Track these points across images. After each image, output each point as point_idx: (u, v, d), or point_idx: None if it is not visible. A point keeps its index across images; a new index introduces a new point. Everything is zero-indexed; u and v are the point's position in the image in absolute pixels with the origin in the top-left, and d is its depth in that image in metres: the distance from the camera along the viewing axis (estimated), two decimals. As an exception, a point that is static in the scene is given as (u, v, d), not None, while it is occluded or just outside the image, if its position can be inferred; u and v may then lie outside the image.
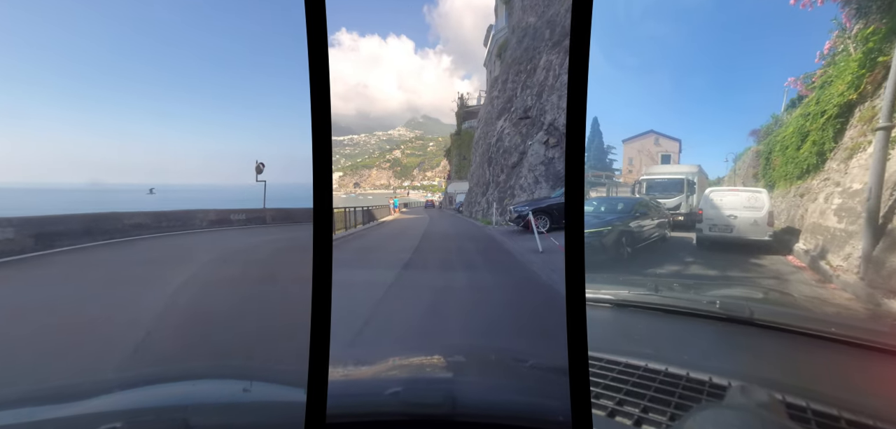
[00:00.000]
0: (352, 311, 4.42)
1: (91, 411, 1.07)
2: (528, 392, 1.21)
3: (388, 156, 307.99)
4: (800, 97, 12.72)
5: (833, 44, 10.45)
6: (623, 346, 1.21)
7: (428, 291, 5.74)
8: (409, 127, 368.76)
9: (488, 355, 1.82)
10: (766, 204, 8.99)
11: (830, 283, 6.02)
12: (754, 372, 1.12)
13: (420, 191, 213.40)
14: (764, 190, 9.60)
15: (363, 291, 5.44)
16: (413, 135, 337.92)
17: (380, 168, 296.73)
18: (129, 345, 3.52)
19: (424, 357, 1.65)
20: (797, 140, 10.95)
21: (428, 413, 0.94)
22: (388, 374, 1.40)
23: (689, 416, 0.73)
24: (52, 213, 10.39)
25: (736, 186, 12.03)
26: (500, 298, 5.49)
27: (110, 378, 2.07)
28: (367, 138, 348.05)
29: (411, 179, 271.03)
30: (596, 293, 1.64)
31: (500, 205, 19.44)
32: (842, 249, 6.42)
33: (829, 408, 0.83)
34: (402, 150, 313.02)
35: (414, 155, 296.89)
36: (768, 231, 8.71)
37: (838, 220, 6.99)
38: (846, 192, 7.26)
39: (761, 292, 2.14)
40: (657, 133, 30.91)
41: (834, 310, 2.16)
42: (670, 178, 14.05)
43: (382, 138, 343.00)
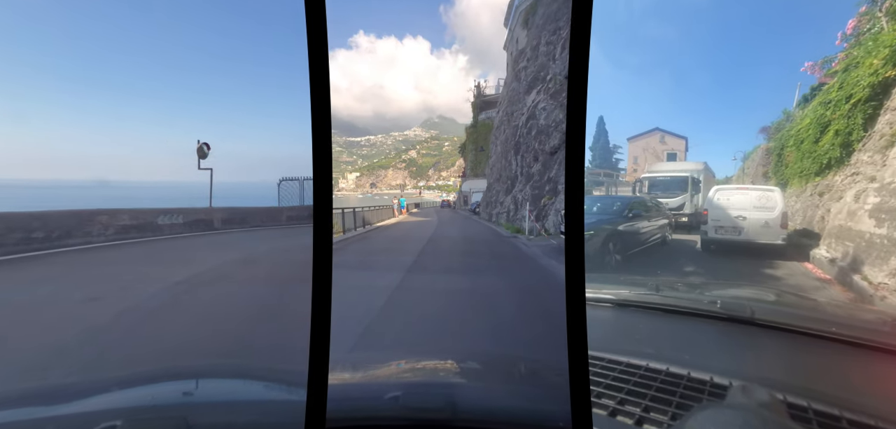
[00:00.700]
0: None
1: (90, 409, 1.07)
2: (528, 397, 1.19)
3: (403, 156, 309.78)
4: (813, 91, 11.72)
5: (858, 23, 9.39)
6: (624, 346, 1.21)
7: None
8: (425, 127, 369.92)
9: (488, 359, 1.82)
10: (779, 204, 8.13)
11: (870, 304, 4.94)
12: (755, 372, 1.12)
13: (435, 191, 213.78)
14: (776, 189, 8.81)
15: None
16: (428, 135, 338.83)
17: (396, 168, 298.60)
18: None
19: (425, 362, 1.65)
20: (815, 132, 9.91)
21: (427, 418, 0.93)
22: (388, 378, 1.38)
23: (690, 416, 0.74)
24: None
25: (745, 185, 11.18)
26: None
27: (109, 377, 2.04)
28: (384, 139, 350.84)
29: (426, 179, 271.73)
30: (597, 293, 1.63)
31: (535, 205, 15.17)
32: (886, 263, 5.37)
33: (831, 408, 0.82)
34: (417, 150, 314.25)
35: (429, 155, 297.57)
36: (781, 234, 7.83)
37: (877, 223, 6.02)
38: (886, 188, 6.29)
39: (762, 292, 2.14)
40: (663, 131, 29.77)
41: (835, 309, 2.16)
42: (673, 176, 13.04)
43: (398, 139, 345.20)
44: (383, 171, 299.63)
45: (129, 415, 0.98)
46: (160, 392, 1.25)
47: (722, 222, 8.36)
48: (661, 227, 9.34)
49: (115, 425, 0.87)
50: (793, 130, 12.11)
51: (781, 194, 8.50)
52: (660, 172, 13.73)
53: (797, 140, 11.35)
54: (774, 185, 11.07)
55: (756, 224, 8.01)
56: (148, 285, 5.60)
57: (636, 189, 14.00)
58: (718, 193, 8.83)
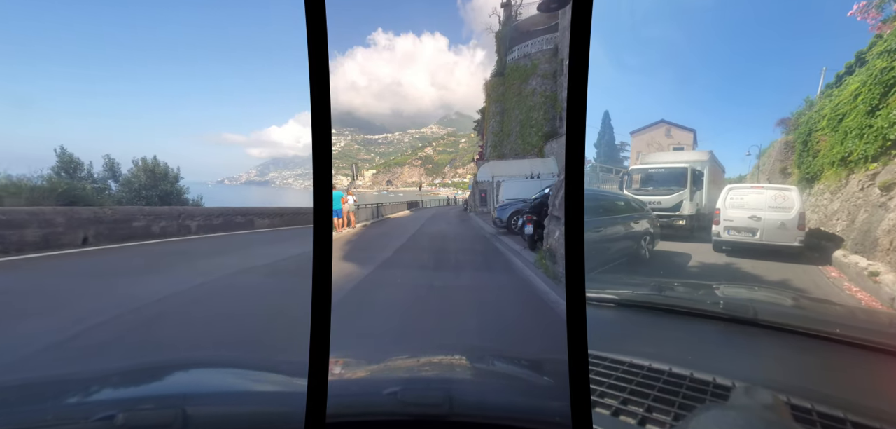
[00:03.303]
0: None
1: (88, 400, 1.07)
2: (527, 393, 1.20)
3: (419, 153, 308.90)
4: (859, 58, 9.16)
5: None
6: (627, 345, 1.18)
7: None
8: (442, 124, 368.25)
9: (487, 355, 1.81)
10: (797, 204, 7.55)
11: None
12: (758, 373, 1.11)
13: (450, 188, 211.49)
14: (794, 188, 8.17)
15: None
16: (445, 132, 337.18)
17: (412, 165, 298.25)
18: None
19: (423, 357, 1.60)
20: (872, 97, 6.95)
21: (426, 413, 0.94)
22: (387, 373, 1.37)
23: (693, 416, 0.73)
24: None
25: (760, 184, 9.92)
26: None
27: (109, 368, 2.08)
28: (401, 136, 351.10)
29: (442, 176, 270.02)
30: (600, 293, 1.60)
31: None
32: None
33: (834, 410, 0.80)
34: (433, 147, 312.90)
35: (445, 152, 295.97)
36: (799, 235, 7.37)
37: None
38: None
39: (766, 293, 2.12)
40: (669, 123, 26.64)
41: (839, 311, 2.09)
42: (669, 168, 10.23)
43: (415, 136, 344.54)
44: (399, 168, 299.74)
45: (127, 404, 1.00)
46: (159, 383, 1.24)
47: (735, 223, 7.90)
48: (635, 237, 6.71)
49: (113, 415, 0.86)
50: (825, 109, 9.56)
51: (799, 194, 7.92)
52: (653, 164, 10.92)
53: (833, 118, 8.52)
54: (798, 179, 10.43)
55: (771, 225, 7.56)
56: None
57: (623, 185, 11.16)
58: (732, 192, 8.39)
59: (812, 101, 12.32)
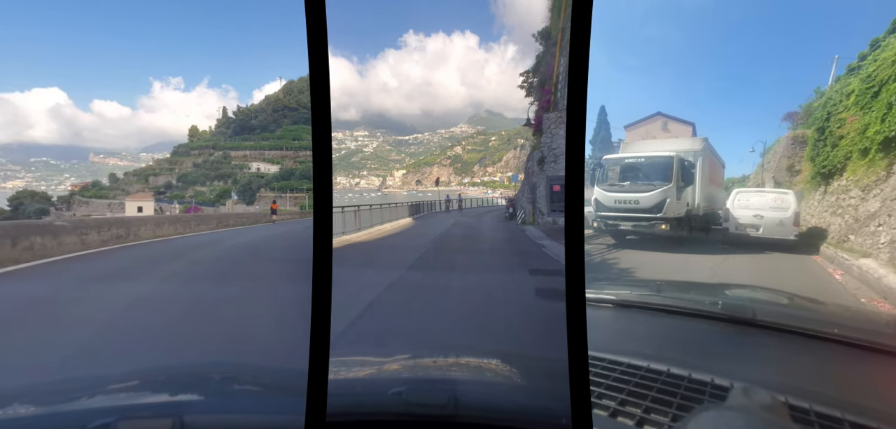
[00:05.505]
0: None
1: (85, 407, 1.05)
2: (531, 394, 1.20)
3: (448, 152, 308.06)
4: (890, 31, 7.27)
5: None
6: (625, 346, 1.19)
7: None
8: (471, 123, 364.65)
9: (492, 355, 1.80)
10: (793, 205, 8.45)
11: None
12: (757, 373, 1.10)
13: (480, 187, 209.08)
14: (790, 192, 9.20)
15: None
16: (474, 130, 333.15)
17: (441, 165, 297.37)
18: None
19: (427, 358, 1.59)
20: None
21: (430, 414, 0.93)
22: (391, 373, 1.37)
23: (691, 417, 0.74)
24: None
25: (763, 188, 10.85)
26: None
27: (106, 374, 2.10)
28: (430, 136, 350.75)
29: (472, 176, 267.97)
30: (598, 294, 1.61)
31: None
32: None
33: (833, 410, 0.81)
34: (463, 146, 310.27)
35: (475, 151, 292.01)
36: (794, 231, 8.26)
37: None
38: None
39: (764, 293, 2.13)
40: (665, 115, 24.22)
41: (838, 310, 2.13)
42: (651, 158, 8.31)
43: (444, 136, 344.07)
44: (428, 168, 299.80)
45: (123, 412, 0.99)
46: (157, 389, 1.24)
47: (742, 221, 8.85)
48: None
49: (108, 422, 0.87)
50: (851, 85, 7.99)
51: (795, 197, 8.86)
52: (632, 155, 9.01)
53: (864, 93, 6.60)
54: (812, 175, 10.82)
55: (772, 223, 8.48)
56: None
57: (595, 178, 9.27)
58: (739, 194, 9.32)
59: (822, 92, 10.65)
